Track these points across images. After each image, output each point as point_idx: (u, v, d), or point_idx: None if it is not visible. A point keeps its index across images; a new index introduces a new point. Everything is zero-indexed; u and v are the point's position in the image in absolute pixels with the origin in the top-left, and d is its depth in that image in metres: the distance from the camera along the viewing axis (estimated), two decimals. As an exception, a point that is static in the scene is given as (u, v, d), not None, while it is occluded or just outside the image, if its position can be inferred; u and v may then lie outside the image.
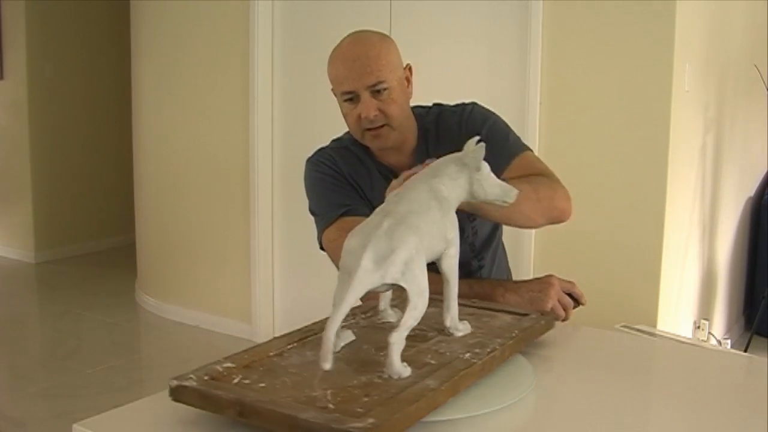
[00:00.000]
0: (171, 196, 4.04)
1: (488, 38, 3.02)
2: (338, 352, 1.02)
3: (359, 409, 0.85)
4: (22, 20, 5.06)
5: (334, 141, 1.65)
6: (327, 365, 0.94)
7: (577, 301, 1.45)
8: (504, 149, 1.52)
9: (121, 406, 0.99)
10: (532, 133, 2.86)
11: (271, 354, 1.04)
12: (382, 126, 1.48)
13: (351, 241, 0.99)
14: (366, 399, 0.89)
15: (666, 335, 2.50)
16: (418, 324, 0.98)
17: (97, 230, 5.64)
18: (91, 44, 5.44)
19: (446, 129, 1.57)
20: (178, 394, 0.94)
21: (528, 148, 1.55)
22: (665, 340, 2.34)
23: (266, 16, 3.52)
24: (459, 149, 1.54)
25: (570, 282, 1.46)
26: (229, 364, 0.99)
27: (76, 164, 5.45)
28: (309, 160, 1.61)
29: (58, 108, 5.29)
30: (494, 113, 1.60)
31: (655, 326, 2.67)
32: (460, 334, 1.10)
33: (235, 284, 3.76)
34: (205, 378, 0.95)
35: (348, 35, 1.52)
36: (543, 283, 1.43)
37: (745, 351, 3.11)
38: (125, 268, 4.85)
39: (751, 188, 3.97)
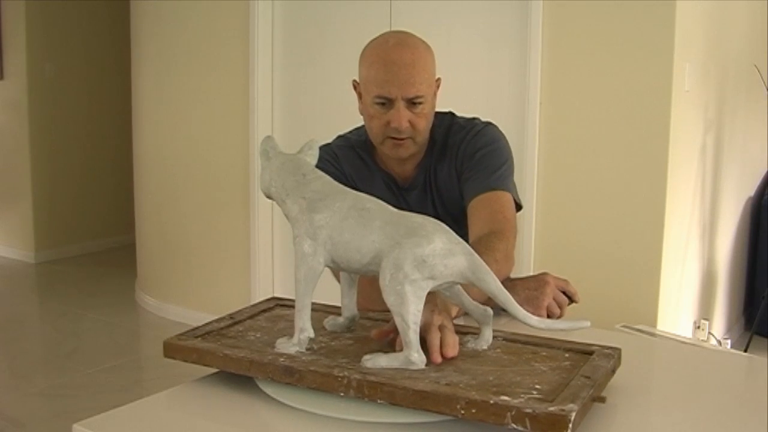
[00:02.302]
0: (171, 196, 4.04)
1: (488, 38, 3.02)
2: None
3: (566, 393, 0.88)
4: (22, 20, 5.06)
5: (339, 138, 1.63)
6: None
7: (571, 299, 1.45)
8: (488, 178, 1.49)
9: (121, 406, 0.99)
10: (532, 133, 2.87)
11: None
12: (406, 137, 1.46)
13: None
14: (538, 386, 0.92)
15: (666, 335, 2.50)
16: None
17: (97, 230, 5.64)
18: (91, 44, 5.44)
19: (451, 144, 1.54)
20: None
21: (509, 190, 1.50)
22: (665, 340, 2.34)
23: (266, 16, 3.52)
24: (454, 165, 1.53)
25: (564, 280, 1.46)
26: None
27: (76, 164, 5.45)
28: None
29: (58, 108, 5.30)
30: (503, 140, 1.55)
31: (655, 326, 2.67)
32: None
33: (235, 284, 3.76)
34: None
35: (390, 34, 1.48)
36: (539, 281, 1.43)
37: (745, 351, 3.11)
38: (125, 268, 4.85)
39: (751, 188, 3.97)
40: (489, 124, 1.57)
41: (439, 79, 1.53)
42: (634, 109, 2.72)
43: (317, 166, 1.11)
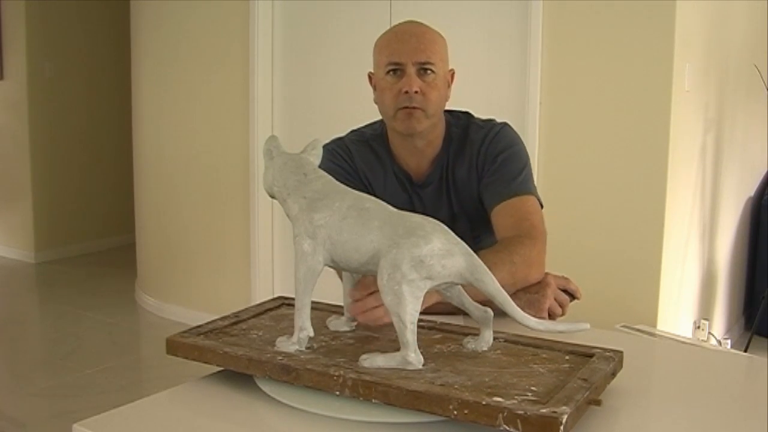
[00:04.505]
0: (171, 196, 4.04)
1: (488, 38, 3.02)
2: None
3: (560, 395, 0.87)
4: (22, 20, 5.06)
5: (353, 132, 1.63)
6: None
7: (572, 296, 1.45)
8: (510, 184, 1.49)
9: (121, 406, 0.99)
10: (532, 133, 2.87)
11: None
12: (417, 108, 1.46)
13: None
14: (534, 388, 0.91)
15: (666, 335, 2.50)
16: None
17: (97, 230, 5.64)
18: (91, 44, 5.44)
19: (468, 143, 1.55)
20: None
21: (532, 193, 1.51)
22: (665, 340, 2.35)
23: (266, 16, 3.52)
24: (475, 166, 1.54)
25: (564, 278, 1.46)
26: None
27: (76, 164, 5.45)
28: (325, 147, 1.55)
29: (58, 108, 5.29)
30: (520, 142, 1.57)
31: (655, 326, 2.67)
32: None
33: (235, 284, 3.76)
34: None
35: (402, 22, 1.54)
36: (539, 283, 1.42)
37: (745, 351, 3.11)
38: (125, 268, 4.85)
39: (751, 188, 3.97)
40: (505, 124, 1.58)
41: (452, 71, 1.54)
42: (634, 109, 2.72)
43: (329, 160, 1.10)
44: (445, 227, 1.01)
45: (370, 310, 1.13)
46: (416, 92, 1.44)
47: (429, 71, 1.45)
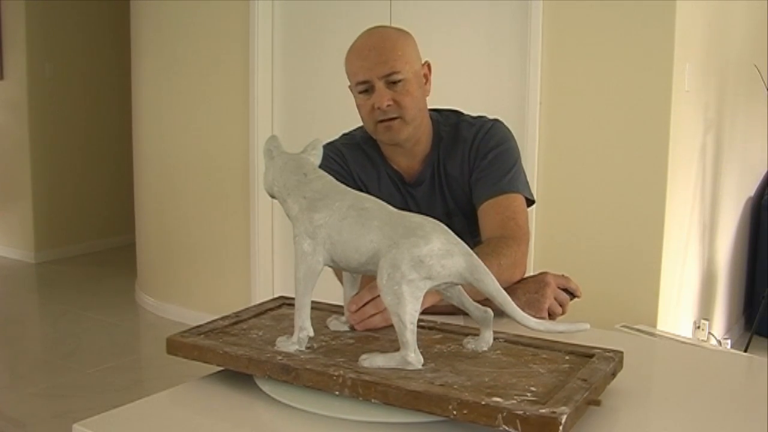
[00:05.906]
0: (171, 196, 4.04)
1: (488, 38, 3.02)
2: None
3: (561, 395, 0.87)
4: (22, 20, 5.06)
5: (344, 136, 1.64)
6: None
7: (573, 294, 1.45)
8: (498, 181, 1.50)
9: (121, 406, 0.99)
10: (532, 133, 2.87)
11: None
12: (395, 118, 1.47)
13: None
14: (534, 389, 0.91)
15: (666, 335, 2.50)
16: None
17: (97, 230, 5.64)
18: (91, 44, 5.44)
19: (461, 140, 1.55)
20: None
21: (519, 191, 1.51)
22: (665, 340, 2.35)
23: (266, 16, 3.52)
24: (467, 162, 1.54)
25: (564, 277, 1.46)
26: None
27: (76, 164, 5.45)
28: None
29: (58, 108, 5.30)
30: (512, 138, 1.57)
31: (655, 326, 2.67)
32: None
33: (235, 284, 3.76)
34: None
35: (365, 30, 1.52)
36: (539, 282, 1.42)
37: (745, 351, 3.10)
38: (125, 268, 4.85)
39: (751, 188, 3.97)
40: (497, 120, 1.59)
41: (427, 62, 1.54)
42: (634, 109, 2.72)
43: (323, 165, 1.11)
44: (445, 227, 1.01)
45: (368, 318, 1.14)
46: (389, 105, 1.45)
47: (397, 81, 1.45)
